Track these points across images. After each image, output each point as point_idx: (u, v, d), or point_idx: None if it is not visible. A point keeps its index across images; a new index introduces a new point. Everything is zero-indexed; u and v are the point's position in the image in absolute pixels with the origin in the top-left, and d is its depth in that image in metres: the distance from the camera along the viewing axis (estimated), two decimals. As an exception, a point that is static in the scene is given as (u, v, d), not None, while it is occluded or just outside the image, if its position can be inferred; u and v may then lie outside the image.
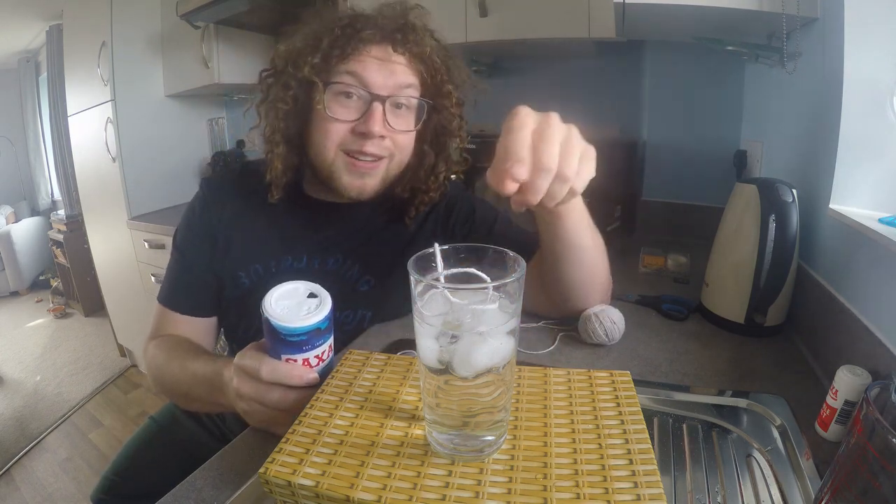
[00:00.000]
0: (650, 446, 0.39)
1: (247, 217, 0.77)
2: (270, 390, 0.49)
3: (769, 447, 0.53)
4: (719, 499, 0.47)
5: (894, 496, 0.30)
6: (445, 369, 0.37)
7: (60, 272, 3.34)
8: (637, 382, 0.49)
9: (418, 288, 0.37)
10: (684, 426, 0.58)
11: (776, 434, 0.54)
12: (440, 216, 0.82)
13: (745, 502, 0.47)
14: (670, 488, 0.49)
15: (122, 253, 2.11)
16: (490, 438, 0.39)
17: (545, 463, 0.38)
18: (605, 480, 0.36)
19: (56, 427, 2.08)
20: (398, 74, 0.68)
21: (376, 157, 0.69)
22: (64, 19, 2.20)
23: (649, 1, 0.84)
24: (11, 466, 1.84)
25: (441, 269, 0.39)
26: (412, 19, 0.70)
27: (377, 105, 0.66)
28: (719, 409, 0.59)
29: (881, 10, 0.66)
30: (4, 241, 3.62)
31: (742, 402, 0.59)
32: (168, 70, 2.09)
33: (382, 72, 0.67)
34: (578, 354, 0.69)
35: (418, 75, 0.71)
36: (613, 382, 0.48)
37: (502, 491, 0.36)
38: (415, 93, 0.70)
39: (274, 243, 0.76)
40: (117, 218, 2.05)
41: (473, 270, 0.38)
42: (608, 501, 0.34)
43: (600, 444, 0.40)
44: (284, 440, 0.41)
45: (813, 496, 0.43)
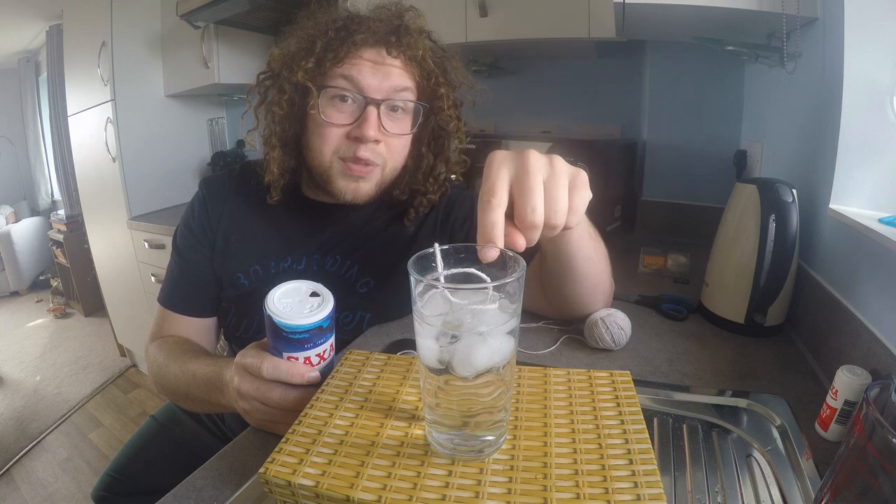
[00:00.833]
0: (650, 446, 0.39)
1: (246, 218, 0.77)
2: (271, 389, 0.49)
3: (769, 447, 0.53)
4: (719, 499, 0.47)
5: (894, 496, 0.30)
6: (445, 369, 0.37)
7: (60, 272, 3.34)
8: (637, 382, 0.49)
9: (418, 288, 0.37)
10: (684, 426, 0.58)
11: (776, 434, 0.54)
12: (440, 217, 0.82)
13: (745, 502, 0.47)
14: (670, 488, 0.49)
15: (122, 253, 2.11)
16: (490, 438, 0.39)
17: (545, 463, 0.38)
18: (605, 480, 0.36)
19: (56, 427, 2.08)
20: (393, 78, 0.67)
21: (371, 163, 0.69)
22: (64, 19, 2.20)
23: (649, 1, 0.84)
24: (11, 466, 1.84)
25: (441, 269, 0.39)
26: (407, 21, 0.70)
27: (372, 109, 0.66)
28: (719, 409, 0.59)
29: (881, 10, 0.66)
30: (4, 241, 3.62)
31: (742, 402, 0.59)
32: (168, 70, 2.09)
33: (377, 75, 0.66)
34: (578, 354, 0.69)
35: (414, 78, 0.70)
36: (613, 382, 0.48)
37: (502, 491, 0.35)
38: (410, 96, 0.70)
39: (273, 244, 0.76)
40: (117, 218, 2.05)
41: (473, 270, 0.38)
42: (608, 501, 0.34)
43: (600, 444, 0.40)
44: (284, 440, 0.41)
45: (813, 496, 0.43)
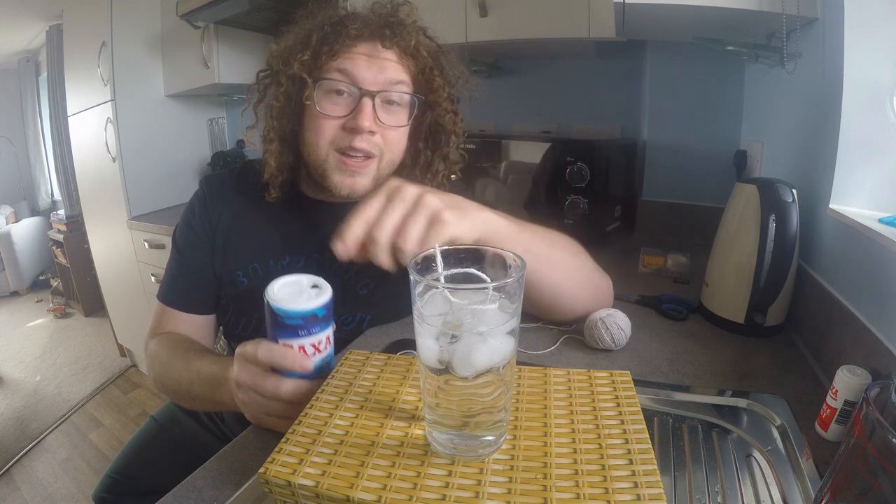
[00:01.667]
0: (650, 446, 0.39)
1: (245, 216, 0.77)
2: (266, 377, 0.50)
3: (769, 447, 0.53)
4: (719, 499, 0.47)
5: (894, 496, 0.30)
6: (445, 369, 0.37)
7: (60, 272, 3.34)
8: (637, 382, 0.49)
9: (418, 288, 0.37)
10: (684, 426, 0.58)
11: (776, 434, 0.54)
12: None
13: (745, 502, 0.47)
14: (670, 488, 0.49)
15: (122, 253, 2.11)
16: (490, 438, 0.39)
17: (545, 463, 0.38)
18: (605, 480, 0.36)
19: (56, 427, 2.08)
20: (388, 70, 0.68)
21: (366, 155, 0.69)
22: (64, 19, 2.20)
23: (649, 1, 0.84)
24: (11, 466, 1.84)
25: (441, 270, 0.39)
26: (401, 16, 0.71)
27: (366, 101, 0.67)
28: (719, 409, 0.59)
29: (881, 11, 0.66)
30: (4, 241, 3.62)
31: (742, 402, 0.59)
32: (168, 70, 2.09)
33: (371, 68, 0.67)
34: (578, 354, 0.69)
35: (409, 71, 0.71)
36: (613, 382, 0.48)
37: (502, 491, 0.36)
38: (406, 88, 0.71)
39: (272, 243, 0.76)
40: (117, 218, 2.05)
41: (473, 271, 0.38)
42: (608, 501, 0.34)
43: (600, 444, 0.40)
44: (284, 440, 0.41)
45: (813, 496, 0.43)
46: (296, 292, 0.51)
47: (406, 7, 0.72)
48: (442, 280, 0.38)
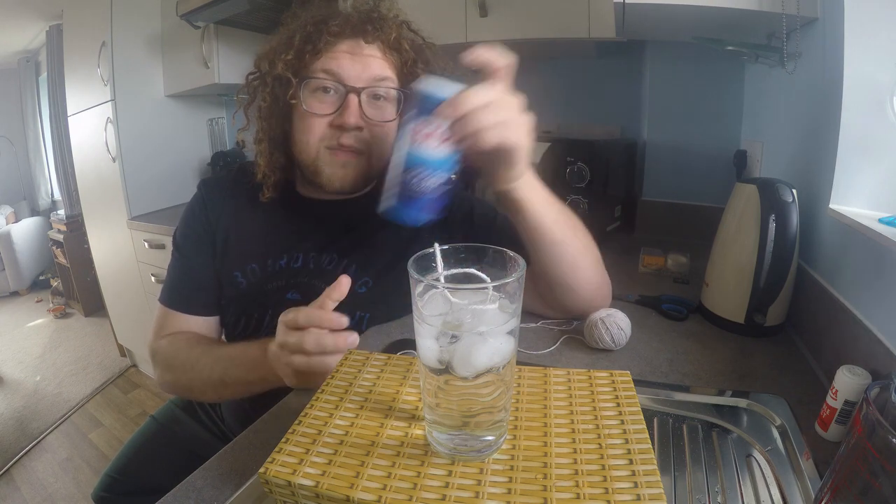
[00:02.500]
0: (650, 446, 0.39)
1: (243, 217, 0.77)
2: (307, 335, 0.54)
3: (769, 447, 0.53)
4: (719, 499, 0.47)
5: (894, 496, 0.30)
6: (445, 369, 0.37)
7: (60, 272, 3.34)
8: (637, 382, 0.49)
9: (418, 288, 0.37)
10: (684, 426, 0.58)
11: (776, 434, 0.54)
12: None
13: (745, 502, 0.47)
14: (670, 488, 0.49)
15: (122, 253, 2.11)
16: (490, 438, 0.39)
17: (545, 463, 0.38)
18: (605, 480, 0.36)
19: (56, 427, 2.08)
20: (373, 68, 0.69)
21: (356, 152, 0.70)
22: (64, 19, 2.20)
23: (649, 1, 0.84)
24: (11, 466, 1.84)
25: (441, 269, 0.39)
26: (382, 10, 0.71)
27: (352, 97, 0.68)
28: (719, 410, 0.59)
29: (881, 11, 0.66)
30: (4, 241, 3.62)
31: (742, 403, 0.59)
32: (168, 70, 2.09)
33: (356, 65, 0.68)
34: (578, 354, 0.69)
35: (394, 66, 0.72)
36: (613, 382, 0.48)
37: (502, 491, 0.35)
38: (391, 84, 0.71)
39: (270, 243, 0.76)
40: (117, 218, 2.05)
41: (473, 270, 0.38)
42: (608, 501, 0.34)
43: (600, 444, 0.40)
44: (284, 440, 0.41)
45: (813, 496, 0.43)
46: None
47: (387, 2, 0.73)
48: (442, 280, 0.38)
